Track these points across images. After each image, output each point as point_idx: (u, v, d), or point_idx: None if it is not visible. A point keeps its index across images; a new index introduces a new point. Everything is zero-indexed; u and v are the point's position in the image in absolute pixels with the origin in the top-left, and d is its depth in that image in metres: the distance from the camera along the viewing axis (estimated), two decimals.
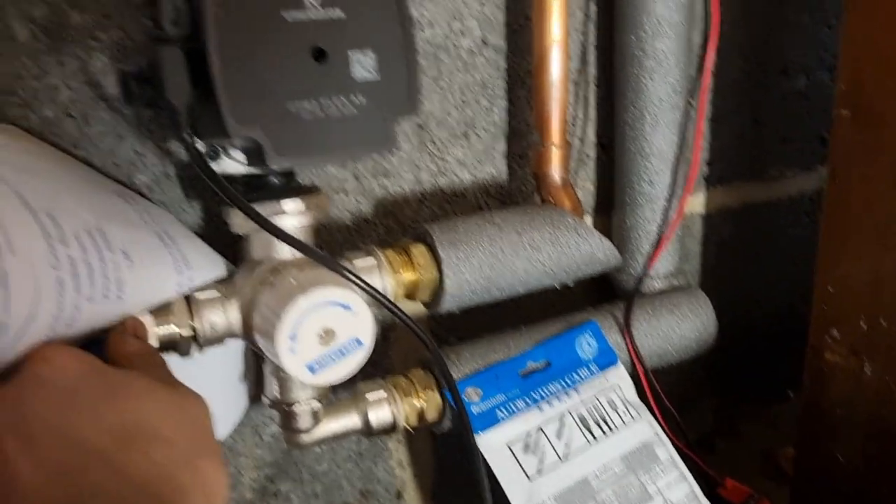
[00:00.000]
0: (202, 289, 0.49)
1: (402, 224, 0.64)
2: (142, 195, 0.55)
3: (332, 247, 0.62)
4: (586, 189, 0.73)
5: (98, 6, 0.51)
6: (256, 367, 0.58)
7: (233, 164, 0.47)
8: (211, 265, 0.51)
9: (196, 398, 0.39)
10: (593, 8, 0.68)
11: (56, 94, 0.51)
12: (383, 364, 0.67)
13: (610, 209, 0.72)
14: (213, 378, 0.55)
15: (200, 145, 0.45)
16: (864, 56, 0.58)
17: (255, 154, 0.41)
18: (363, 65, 0.43)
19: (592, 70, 0.70)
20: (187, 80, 0.40)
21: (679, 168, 0.67)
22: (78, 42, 0.51)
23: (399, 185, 0.63)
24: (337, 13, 0.42)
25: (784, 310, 0.89)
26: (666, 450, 0.61)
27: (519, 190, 0.69)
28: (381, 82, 0.43)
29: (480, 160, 0.66)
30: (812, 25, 0.80)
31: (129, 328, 0.43)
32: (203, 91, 0.40)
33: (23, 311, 0.36)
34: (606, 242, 0.62)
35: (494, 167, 0.67)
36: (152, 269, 0.46)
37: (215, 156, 0.46)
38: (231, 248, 0.56)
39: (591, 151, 0.72)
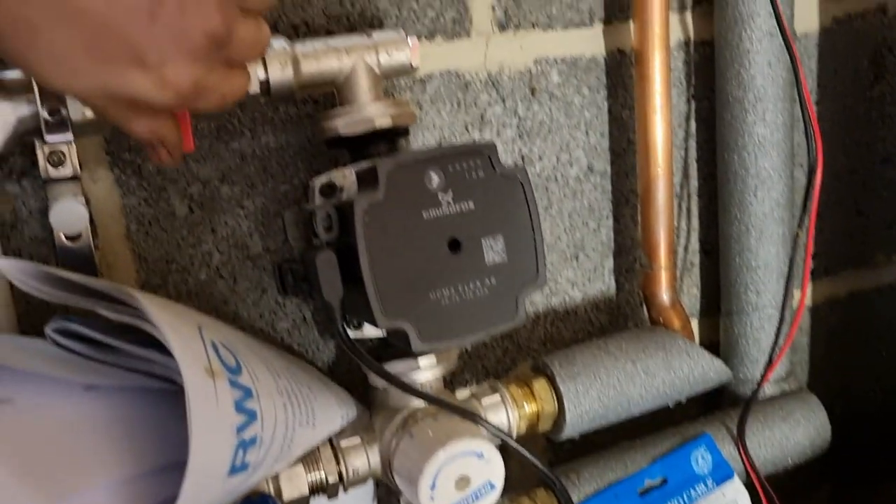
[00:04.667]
0: (346, 434, 0.54)
1: (517, 344, 0.68)
2: (282, 341, 0.60)
3: (452, 371, 0.66)
4: (692, 294, 0.75)
5: (244, 178, 0.57)
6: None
7: (371, 329, 0.52)
8: (353, 404, 0.56)
9: None
10: (693, 126, 0.70)
11: (210, 259, 0.57)
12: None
13: (715, 313, 0.73)
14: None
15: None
16: None
17: (398, 338, 0.45)
18: (494, 249, 0.46)
19: (694, 182, 0.72)
20: (340, 280, 0.44)
21: (791, 278, 0.68)
22: (227, 211, 0.57)
23: None
24: (469, 206, 0.46)
25: None
26: None
27: (627, 302, 0.71)
28: (511, 262, 0.47)
29: (590, 278, 0.69)
30: None
31: None
32: (353, 282, 0.45)
33: (270, 432, 0.41)
34: (717, 362, 0.63)
35: (603, 283, 0.70)
36: (326, 403, 0.51)
37: (359, 325, 0.51)
38: (362, 385, 0.61)
39: (695, 258, 0.74)
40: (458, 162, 0.45)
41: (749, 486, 0.66)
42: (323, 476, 0.52)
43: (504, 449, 0.52)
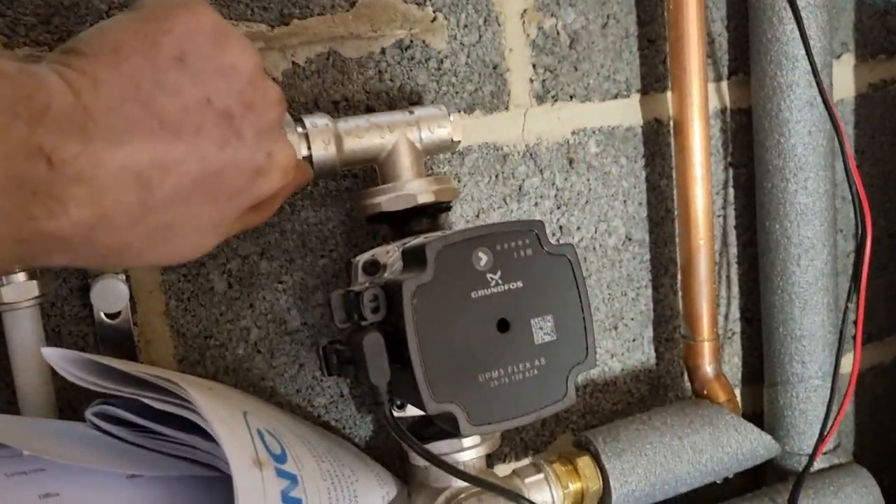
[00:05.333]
0: None
1: (556, 417, 0.66)
2: (319, 417, 0.59)
3: None
4: (733, 363, 0.73)
5: (282, 253, 0.56)
6: None
7: (414, 408, 0.51)
8: (394, 483, 0.54)
9: None
10: (732, 193, 0.70)
11: (247, 334, 0.56)
12: None
13: (758, 381, 0.71)
14: None
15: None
16: None
17: (446, 422, 0.44)
18: (543, 329, 0.45)
19: (734, 250, 0.71)
20: (387, 362, 0.43)
21: (831, 348, 0.66)
22: (266, 286, 0.56)
23: None
24: (518, 285, 0.45)
25: None
26: None
27: (667, 372, 0.70)
28: (560, 342, 0.46)
29: (629, 348, 0.68)
30: None
31: None
32: (400, 364, 0.44)
33: None
34: (766, 437, 0.62)
35: (643, 353, 0.69)
36: (367, 484, 0.50)
37: (402, 405, 0.49)
38: (399, 460, 0.59)
39: (736, 327, 0.73)
40: (506, 241, 0.45)
41: None
42: None
43: None
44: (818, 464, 0.69)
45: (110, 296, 0.51)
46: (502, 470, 0.63)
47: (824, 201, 0.64)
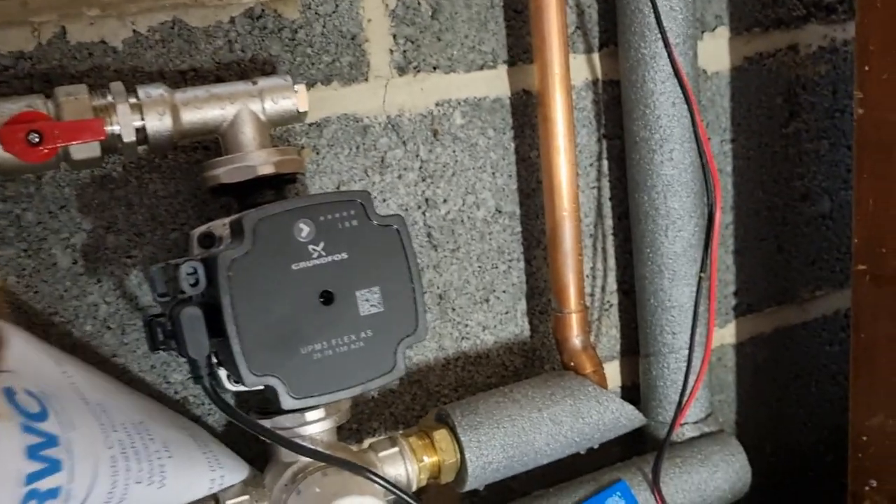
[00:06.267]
0: (233, 492, 0.52)
1: (427, 391, 0.66)
2: (176, 394, 0.58)
3: (359, 419, 0.64)
4: (611, 335, 0.74)
5: (130, 227, 0.55)
6: None
7: None
8: (239, 468, 0.53)
9: None
10: (606, 164, 0.70)
11: (96, 311, 0.55)
12: None
13: (636, 352, 0.72)
14: None
15: (224, 372, 0.48)
16: (876, 217, 0.59)
17: (269, 394, 0.44)
18: (369, 300, 0.45)
19: (609, 222, 0.71)
20: (206, 336, 0.42)
21: (699, 318, 0.67)
22: (113, 261, 0.55)
23: (423, 354, 0.65)
24: (342, 256, 0.44)
25: (829, 427, 0.87)
26: None
27: (542, 344, 0.70)
28: (387, 313, 0.45)
29: (501, 321, 0.68)
30: (830, 150, 0.80)
31: None
32: (220, 337, 0.43)
33: (85, 486, 0.39)
34: (628, 408, 0.62)
35: (516, 326, 0.69)
36: (189, 464, 0.49)
37: (238, 381, 0.49)
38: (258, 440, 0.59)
39: (613, 298, 0.73)
40: (330, 212, 0.44)
41: None
42: None
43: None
44: (688, 433, 0.70)
45: None
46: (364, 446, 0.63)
47: (690, 173, 0.65)
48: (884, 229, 0.59)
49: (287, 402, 0.43)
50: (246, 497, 0.52)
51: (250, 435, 0.56)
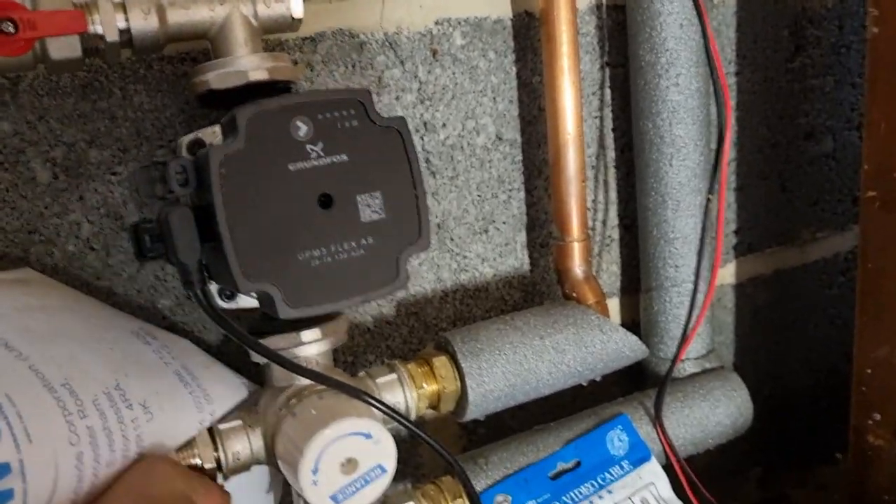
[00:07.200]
0: (226, 417, 0.50)
1: (424, 324, 0.64)
2: (164, 319, 0.56)
3: (354, 352, 0.62)
4: (611, 271, 0.72)
5: (115, 141, 0.52)
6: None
7: (246, 298, 0.48)
8: (232, 393, 0.51)
9: None
10: (608, 93, 0.68)
11: (78, 230, 0.52)
12: (413, 461, 0.66)
13: (636, 289, 0.71)
14: (240, 492, 0.55)
15: (215, 286, 0.46)
16: (888, 141, 0.57)
17: (267, 302, 0.41)
18: (371, 206, 0.43)
19: (611, 153, 0.69)
20: (197, 238, 0.40)
21: (704, 250, 0.65)
22: (96, 177, 0.52)
23: (420, 286, 0.63)
24: (342, 158, 0.42)
25: (827, 371, 0.86)
26: None
27: (542, 279, 0.68)
28: (389, 220, 0.43)
29: (501, 253, 0.66)
30: (835, 87, 0.79)
31: None
32: (213, 243, 0.41)
33: (43, 501, 0.36)
34: (632, 338, 0.60)
35: (516, 259, 0.67)
36: (173, 415, 0.46)
37: (231, 296, 0.46)
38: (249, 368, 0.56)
39: (615, 233, 0.71)
40: (329, 110, 0.42)
41: (669, 468, 0.63)
42: (198, 462, 0.48)
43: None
44: (690, 369, 0.68)
45: None
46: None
47: (696, 99, 0.63)
48: (892, 154, 0.57)
49: (284, 310, 0.40)
50: (239, 422, 0.49)
51: (240, 362, 0.54)
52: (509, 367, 0.56)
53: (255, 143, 0.40)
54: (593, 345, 0.59)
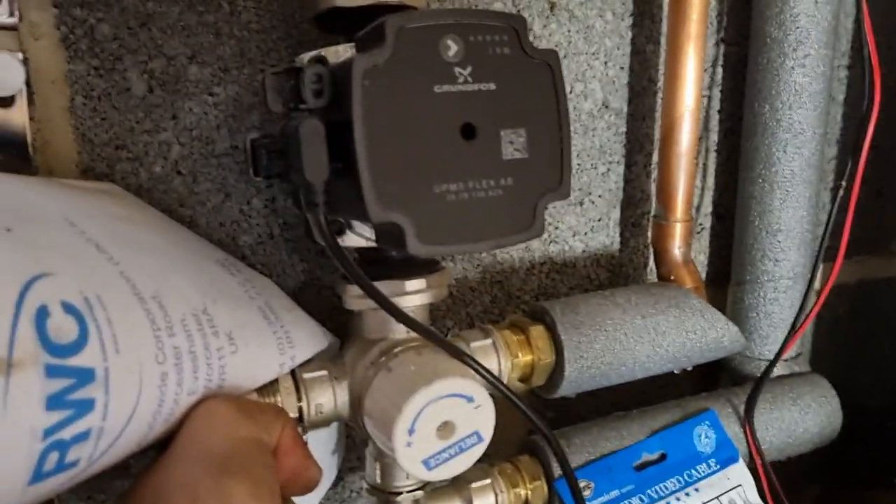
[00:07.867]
0: (311, 367, 0.46)
1: (508, 294, 0.60)
2: (244, 258, 0.52)
3: (434, 317, 0.58)
4: (699, 261, 0.68)
5: (216, 59, 0.48)
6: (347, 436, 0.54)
7: (354, 237, 0.44)
8: (314, 341, 0.47)
9: None
10: (720, 72, 0.64)
11: (168, 150, 0.48)
12: None
13: (722, 282, 0.67)
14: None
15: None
16: None
17: (391, 238, 0.37)
18: (514, 143, 0.39)
19: (714, 136, 0.65)
20: (327, 157, 0.36)
21: (807, 247, 0.62)
22: (193, 96, 0.48)
23: (508, 253, 0.59)
24: (490, 86, 0.38)
25: None
26: None
27: (630, 260, 0.64)
28: (531, 161, 0.39)
29: (593, 228, 0.62)
30: None
31: None
32: (343, 164, 0.37)
33: (123, 418, 0.32)
34: (733, 328, 0.57)
35: (607, 236, 0.63)
36: (256, 352, 0.42)
37: (342, 231, 0.43)
38: (332, 315, 0.53)
39: (706, 221, 0.67)
40: (482, 32, 0.38)
41: (750, 470, 0.59)
42: None
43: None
44: (778, 370, 0.65)
45: (1, 73, 0.43)
46: None
47: (821, 83, 0.59)
48: None
49: (414, 245, 0.36)
50: (324, 373, 0.45)
51: (321, 313, 0.51)
52: (608, 344, 0.52)
53: (401, 57, 0.36)
54: (694, 331, 0.55)
